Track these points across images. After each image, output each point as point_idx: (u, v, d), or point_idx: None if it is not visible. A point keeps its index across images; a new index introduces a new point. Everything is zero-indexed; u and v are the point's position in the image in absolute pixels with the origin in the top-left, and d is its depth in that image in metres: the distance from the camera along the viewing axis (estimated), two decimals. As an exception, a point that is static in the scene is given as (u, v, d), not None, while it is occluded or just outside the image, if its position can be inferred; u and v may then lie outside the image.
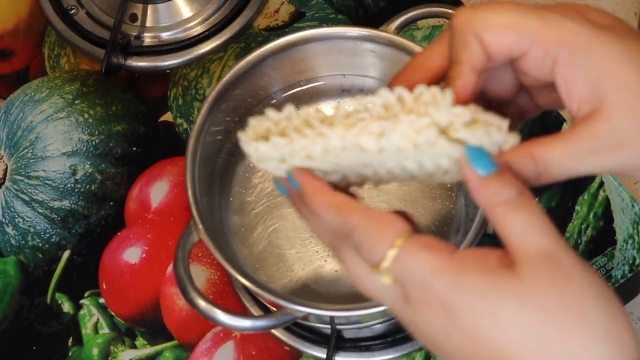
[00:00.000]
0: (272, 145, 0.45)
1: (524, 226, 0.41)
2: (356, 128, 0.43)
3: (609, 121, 0.41)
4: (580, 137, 0.42)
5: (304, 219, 0.48)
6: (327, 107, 0.78)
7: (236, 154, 0.76)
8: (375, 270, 0.42)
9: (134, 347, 0.79)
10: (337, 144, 0.44)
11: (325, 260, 0.73)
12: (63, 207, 0.84)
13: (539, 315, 0.39)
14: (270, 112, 0.46)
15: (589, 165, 0.42)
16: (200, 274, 0.79)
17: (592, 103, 0.42)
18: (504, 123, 0.43)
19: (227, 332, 0.77)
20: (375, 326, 0.71)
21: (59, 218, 0.84)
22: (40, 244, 0.83)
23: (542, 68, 0.44)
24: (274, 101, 0.77)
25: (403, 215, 0.44)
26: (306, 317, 0.65)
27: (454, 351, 0.42)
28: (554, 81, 0.44)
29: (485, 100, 0.48)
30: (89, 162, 0.86)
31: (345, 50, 0.74)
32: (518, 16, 0.44)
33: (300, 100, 0.78)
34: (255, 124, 0.46)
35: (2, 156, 0.88)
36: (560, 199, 0.81)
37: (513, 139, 0.43)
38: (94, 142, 0.87)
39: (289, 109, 0.46)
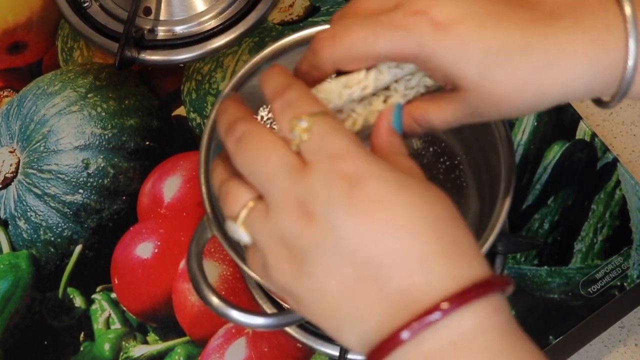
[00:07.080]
0: None
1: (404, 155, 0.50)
2: None
3: (466, 101, 0.51)
4: (461, 104, 0.51)
5: None
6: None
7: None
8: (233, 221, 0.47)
9: (145, 342, 0.78)
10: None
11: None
12: (75, 201, 0.84)
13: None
14: None
15: (462, 121, 0.52)
16: (212, 270, 0.79)
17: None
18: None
19: (239, 329, 0.77)
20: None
21: (71, 212, 0.83)
22: (52, 238, 0.83)
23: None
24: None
25: None
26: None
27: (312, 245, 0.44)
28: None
29: None
30: (101, 156, 0.86)
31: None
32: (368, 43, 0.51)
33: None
34: None
35: (15, 150, 0.87)
36: (575, 198, 0.80)
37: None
38: (106, 136, 0.87)
39: None
